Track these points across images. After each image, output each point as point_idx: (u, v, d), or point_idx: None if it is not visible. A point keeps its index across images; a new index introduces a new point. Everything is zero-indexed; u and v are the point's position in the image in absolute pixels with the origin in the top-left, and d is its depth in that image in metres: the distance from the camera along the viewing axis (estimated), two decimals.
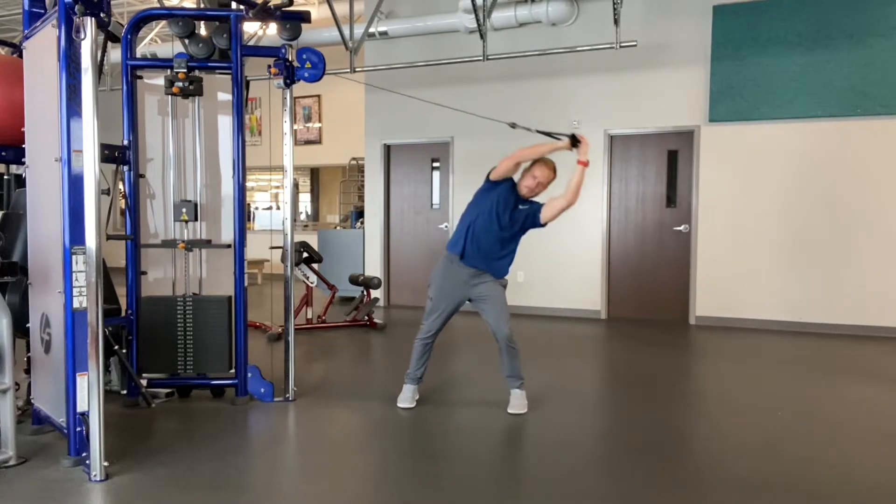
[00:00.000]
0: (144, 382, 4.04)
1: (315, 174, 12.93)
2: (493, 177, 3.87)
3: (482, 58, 6.89)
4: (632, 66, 7.10)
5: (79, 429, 3.03)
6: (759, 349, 5.91)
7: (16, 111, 3.48)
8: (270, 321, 6.30)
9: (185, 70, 3.95)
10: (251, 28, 7.97)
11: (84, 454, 2.99)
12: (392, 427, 3.80)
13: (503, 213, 3.84)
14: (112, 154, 3.91)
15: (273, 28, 5.26)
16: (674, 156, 7.21)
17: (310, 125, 11.89)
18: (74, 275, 2.99)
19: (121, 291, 4.20)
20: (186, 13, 4.14)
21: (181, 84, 3.94)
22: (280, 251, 4.35)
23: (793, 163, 6.65)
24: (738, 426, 3.80)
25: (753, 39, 6.67)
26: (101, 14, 2.93)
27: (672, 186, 7.23)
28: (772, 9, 6.61)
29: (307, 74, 4.10)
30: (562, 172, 3.91)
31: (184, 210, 4.06)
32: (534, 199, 3.92)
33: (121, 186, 4.12)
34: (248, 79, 4.33)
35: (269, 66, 4.02)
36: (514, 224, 3.87)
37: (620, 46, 6.48)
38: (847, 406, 4.23)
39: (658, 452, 3.37)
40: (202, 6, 6.24)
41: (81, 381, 3.00)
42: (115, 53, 8.36)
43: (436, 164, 8.32)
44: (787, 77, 6.58)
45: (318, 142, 11.87)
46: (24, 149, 3.49)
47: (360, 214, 9.32)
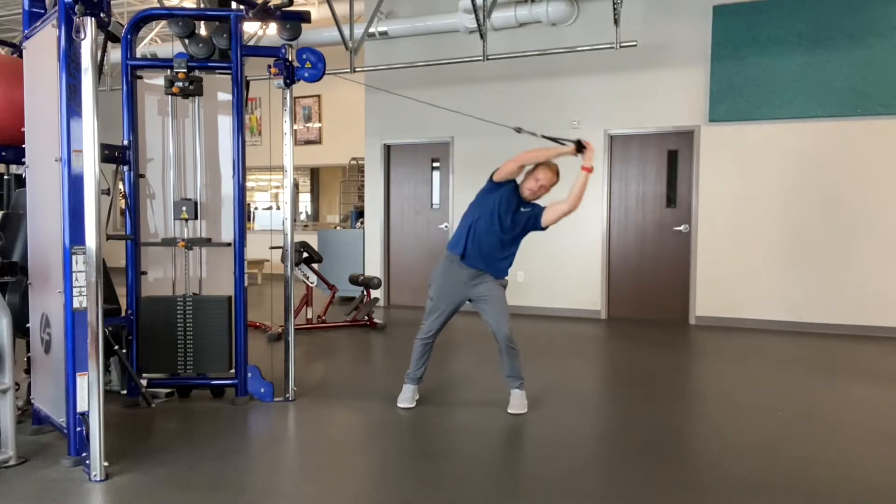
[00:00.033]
0: (144, 382, 4.04)
1: (315, 174, 12.93)
2: (497, 178, 3.87)
3: (482, 58, 6.89)
4: (632, 66, 7.10)
5: (79, 429, 3.03)
6: (759, 349, 5.91)
7: (16, 111, 3.49)
8: (270, 321, 6.30)
9: (185, 70, 3.95)
10: (251, 28, 7.97)
11: (84, 454, 2.99)
12: (392, 427, 3.80)
13: (505, 215, 3.84)
14: (112, 154, 3.91)
15: (273, 28, 5.26)
16: (674, 156, 7.21)
17: (310, 125, 11.88)
18: (74, 275, 2.99)
19: (121, 291, 4.20)
20: (186, 13, 4.14)
21: (181, 84, 3.94)
22: (280, 251, 4.35)
23: (793, 163, 6.65)
24: (738, 426, 3.80)
25: (753, 39, 6.67)
26: (101, 14, 2.93)
27: (672, 186, 7.23)
28: (772, 9, 6.61)
29: (307, 74, 4.10)
30: (565, 176, 3.92)
31: (184, 208, 4.06)
32: (536, 202, 3.92)
33: (121, 186, 4.12)
34: (248, 79, 4.33)
35: (269, 66, 4.03)
36: (516, 226, 3.88)
37: (620, 46, 6.48)
38: (847, 406, 4.23)
39: (658, 452, 3.37)
40: (202, 6, 6.25)
41: (81, 381, 3.00)
42: (115, 53, 8.36)
43: (436, 164, 8.32)
44: (787, 77, 6.58)
45: (318, 142, 11.87)
46: (24, 149, 3.49)
47: (360, 214, 9.32)
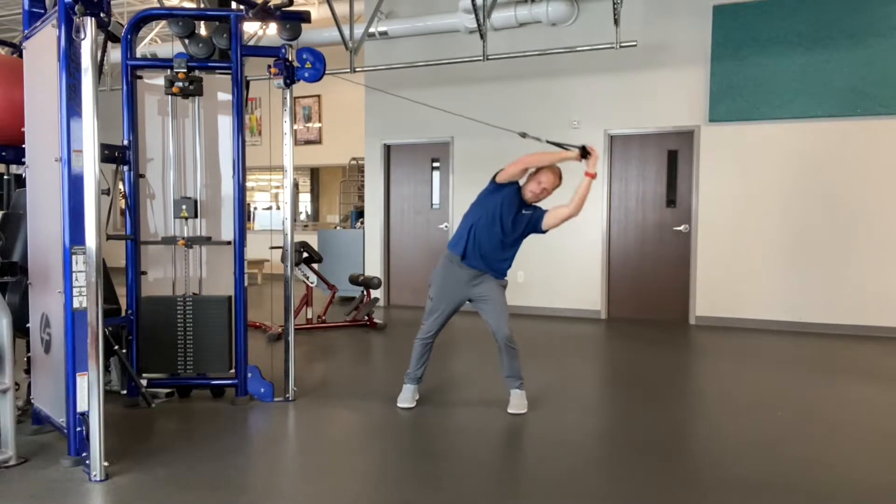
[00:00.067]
0: (144, 382, 4.04)
1: (315, 174, 12.93)
2: (500, 179, 3.87)
3: (482, 58, 6.89)
4: (632, 66, 7.10)
5: (79, 429, 3.03)
6: (759, 349, 5.91)
7: (16, 111, 3.49)
8: (270, 321, 6.30)
9: (185, 70, 3.95)
10: (251, 28, 7.97)
11: (84, 454, 2.99)
12: (392, 427, 3.80)
13: (506, 217, 3.84)
14: (112, 154, 3.91)
15: (273, 28, 5.27)
16: (674, 156, 7.21)
17: (310, 125, 11.88)
18: (74, 275, 2.99)
19: (121, 291, 4.20)
20: (186, 13, 4.14)
21: (181, 84, 3.94)
22: (280, 251, 4.35)
23: (793, 163, 6.65)
24: (738, 426, 3.80)
25: (753, 39, 6.67)
26: (101, 14, 2.93)
27: (672, 186, 7.23)
28: (772, 9, 6.61)
29: (307, 74, 4.10)
30: (568, 180, 3.92)
31: (184, 206, 4.06)
32: (537, 205, 3.93)
33: (121, 186, 4.12)
34: (248, 79, 4.33)
35: (269, 66, 4.03)
36: (517, 229, 3.88)
37: (620, 46, 6.48)
38: (847, 406, 4.23)
39: (658, 452, 3.37)
40: (202, 6, 6.25)
41: (81, 381, 3.00)
42: (115, 53, 8.36)
43: (436, 164, 8.32)
44: (787, 77, 6.58)
45: (318, 142, 11.87)
46: (24, 149, 3.49)
47: (360, 214, 9.32)
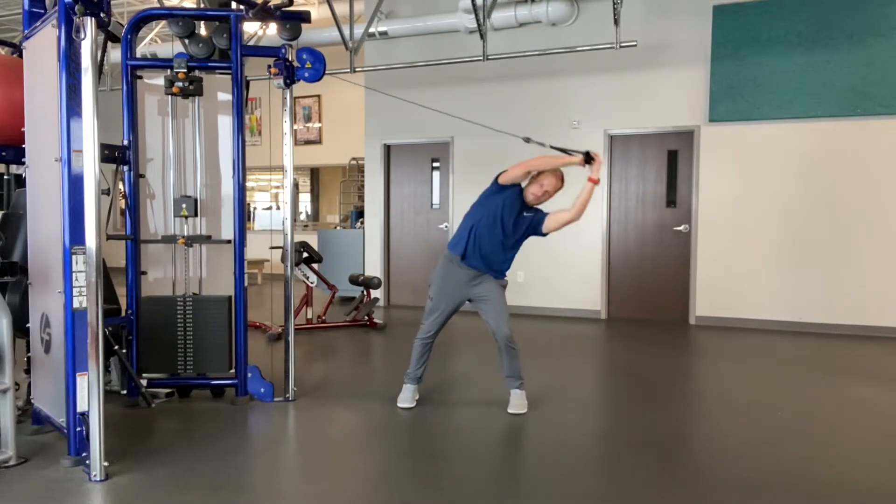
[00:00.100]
0: (144, 382, 4.04)
1: (315, 174, 12.93)
2: (502, 181, 3.87)
3: (482, 58, 6.89)
4: (632, 66, 7.09)
5: (79, 429, 3.03)
6: (759, 349, 5.91)
7: (16, 111, 3.49)
8: (270, 321, 6.30)
9: (185, 70, 3.95)
10: (251, 28, 7.97)
11: (84, 454, 2.99)
12: (392, 427, 3.80)
13: (507, 219, 3.84)
14: (112, 154, 3.91)
15: (273, 28, 5.27)
16: (674, 156, 7.20)
17: (310, 125, 11.88)
18: (74, 275, 2.99)
19: (121, 291, 4.20)
20: (186, 13, 4.14)
21: (181, 84, 3.94)
22: (280, 251, 4.35)
23: (793, 163, 6.65)
24: (738, 426, 3.80)
25: (753, 39, 6.67)
26: (101, 14, 2.93)
27: (672, 186, 7.23)
28: (772, 9, 6.61)
29: (307, 74, 4.10)
30: (570, 183, 3.92)
31: (184, 205, 4.06)
32: (538, 208, 3.93)
33: (121, 186, 4.12)
34: (248, 79, 4.33)
35: (269, 66, 4.03)
36: (517, 230, 3.89)
37: (620, 46, 6.47)
38: (847, 406, 4.23)
39: (658, 452, 3.37)
40: (202, 6, 6.24)
41: (81, 381, 3.00)
42: (115, 53, 8.36)
43: (436, 164, 8.32)
44: (787, 77, 6.58)
45: (318, 142, 11.87)
46: (24, 149, 3.49)
47: (360, 214, 9.32)
